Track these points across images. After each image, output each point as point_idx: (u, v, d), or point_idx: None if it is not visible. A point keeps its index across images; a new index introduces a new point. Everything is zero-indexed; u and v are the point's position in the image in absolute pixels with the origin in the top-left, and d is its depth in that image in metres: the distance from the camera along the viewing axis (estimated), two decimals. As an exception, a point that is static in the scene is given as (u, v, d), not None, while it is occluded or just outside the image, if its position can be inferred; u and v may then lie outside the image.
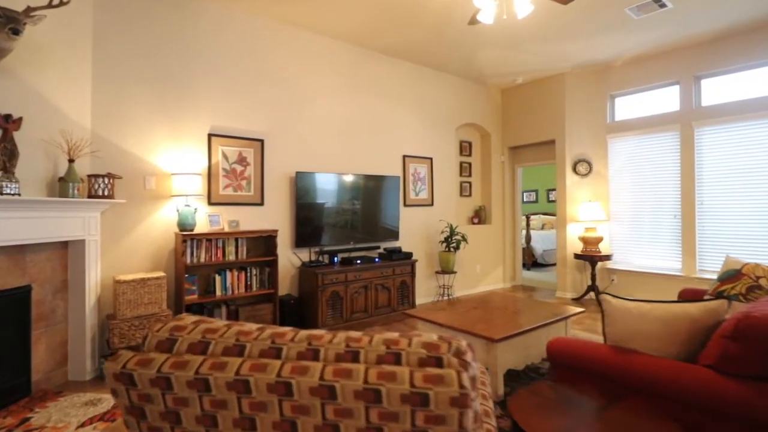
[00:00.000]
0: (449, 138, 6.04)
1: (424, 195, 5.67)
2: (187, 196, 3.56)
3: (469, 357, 0.89)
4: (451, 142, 6.08)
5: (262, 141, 4.16)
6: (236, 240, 3.84)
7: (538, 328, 2.90)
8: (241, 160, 4.03)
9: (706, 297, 2.93)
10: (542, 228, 10.26)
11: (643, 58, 5.39)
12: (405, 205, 5.44)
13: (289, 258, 4.38)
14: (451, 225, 5.64)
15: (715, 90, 4.94)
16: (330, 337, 0.95)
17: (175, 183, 3.54)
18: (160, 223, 3.62)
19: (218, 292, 3.75)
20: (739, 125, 4.71)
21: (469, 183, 6.60)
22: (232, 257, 3.82)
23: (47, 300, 2.95)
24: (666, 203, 5.31)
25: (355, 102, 4.95)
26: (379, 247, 5.08)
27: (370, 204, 4.87)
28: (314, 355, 0.90)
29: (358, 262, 4.50)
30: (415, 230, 5.56)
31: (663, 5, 3.96)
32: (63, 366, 3.07)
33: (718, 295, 2.81)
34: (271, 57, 4.27)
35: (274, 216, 4.28)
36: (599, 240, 5.61)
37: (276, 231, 3.99)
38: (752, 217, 4.63)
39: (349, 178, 4.66)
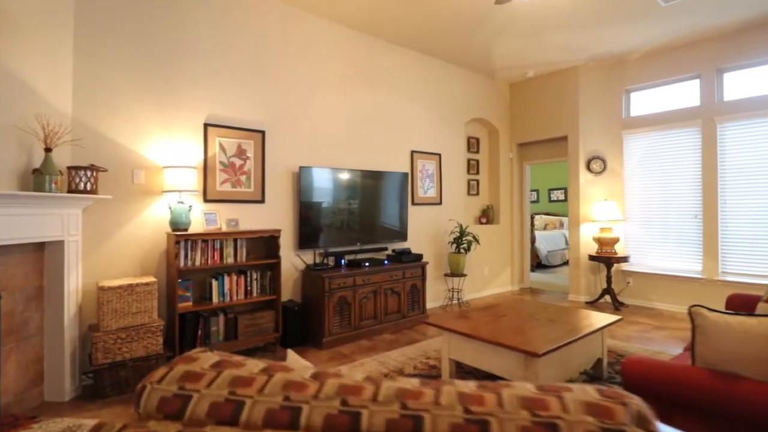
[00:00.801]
0: (457, 133, 5.74)
1: (432, 193, 5.35)
2: (180, 191, 3.18)
3: (656, 427, 0.57)
4: (460, 138, 5.78)
5: (263, 132, 3.79)
6: (235, 241, 3.48)
7: (579, 338, 2.60)
8: (241, 153, 3.67)
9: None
10: (544, 228, 10.03)
11: (662, 50, 5.14)
12: (413, 203, 5.11)
13: (291, 260, 4.02)
14: (461, 225, 5.33)
15: (739, 84, 4.71)
16: (432, 393, 0.62)
17: (168, 177, 3.17)
18: (150, 222, 3.24)
19: (215, 299, 3.38)
20: (761, 121, 4.48)
21: (477, 181, 6.31)
22: (230, 260, 3.46)
23: (19, 310, 2.55)
24: (685, 202, 5.07)
25: (361, 93, 4.62)
26: (386, 249, 4.75)
27: (377, 202, 4.53)
28: (415, 425, 0.56)
29: (367, 264, 4.16)
30: (422, 230, 5.24)
31: (696, -10, 3.70)
32: (38, 385, 2.68)
33: (778, 302, 2.54)
34: (274, 41, 3.91)
35: (276, 214, 3.92)
36: (615, 241, 5.35)
37: (279, 231, 3.63)
38: (780, 217, 4.41)
39: (355, 175, 4.32)
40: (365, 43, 4.64)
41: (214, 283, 3.38)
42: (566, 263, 9.42)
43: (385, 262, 4.37)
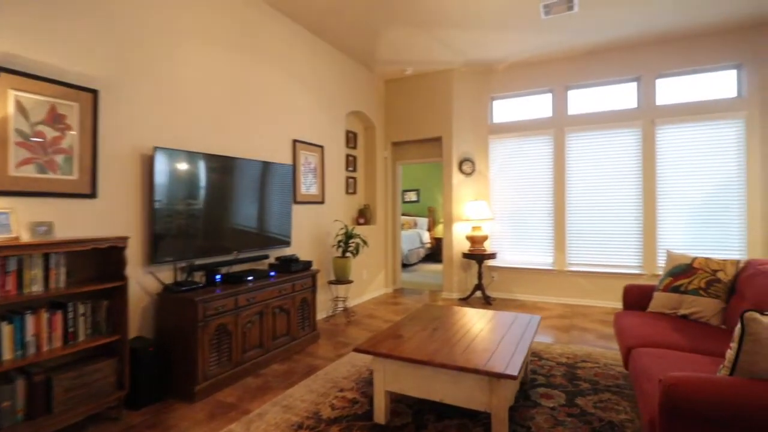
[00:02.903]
0: (338, 126, 5.19)
1: (314, 190, 4.67)
2: (-69, 175, 1.79)
3: None
4: (340, 131, 5.24)
5: (95, 93, 2.54)
6: (46, 257, 2.20)
7: (529, 347, 2.39)
8: (56, 120, 2.36)
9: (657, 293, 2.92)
10: (401, 228, 10.28)
11: (524, 64, 5.63)
12: (295, 201, 4.35)
13: (139, 281, 2.83)
14: (347, 226, 4.81)
15: (581, 100, 5.47)
16: None
17: None
18: None
19: (7, 355, 2.06)
20: (599, 133, 5.30)
21: (354, 179, 5.88)
22: (37, 288, 2.17)
23: None
24: (540, 202, 5.66)
25: (240, 62, 3.64)
26: (268, 257, 3.88)
27: (258, 200, 3.65)
28: None
29: (250, 279, 3.25)
30: (306, 233, 4.52)
31: (571, 7, 4.04)
32: None
33: (674, 290, 2.81)
34: (109, -37, 2.67)
35: (116, 215, 2.69)
36: (485, 238, 5.63)
37: (125, 239, 2.47)
38: (610, 214, 5.26)
39: (231, 164, 3.36)
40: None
41: (7, 328, 2.06)
42: (422, 261, 9.85)
43: (271, 273, 3.52)
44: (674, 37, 4.79)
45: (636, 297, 3.02)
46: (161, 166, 2.80)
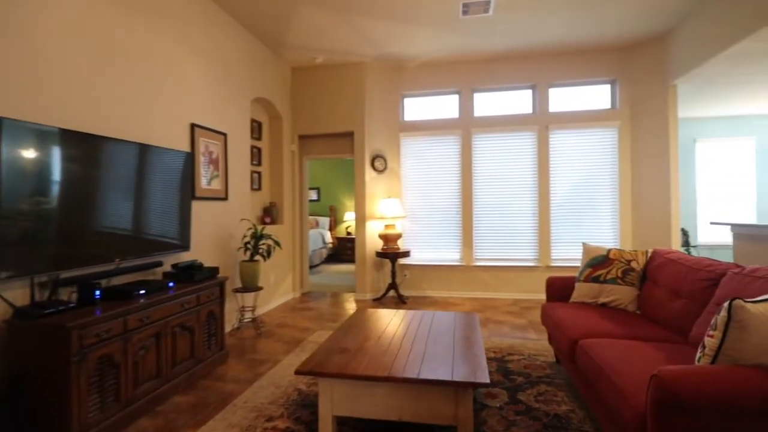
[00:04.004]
0: (242, 113, 4.58)
1: (217, 184, 4.02)
2: None
3: None
4: (244, 119, 4.63)
5: None
6: None
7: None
8: None
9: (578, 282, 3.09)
10: (301, 228, 9.75)
11: (434, 64, 5.69)
12: (195, 197, 3.67)
13: (-27, 305, 2.01)
14: (256, 226, 4.25)
15: (485, 103, 5.74)
16: None
17: None
18: None
19: None
20: (501, 135, 5.62)
21: (259, 173, 5.29)
22: None
23: None
24: (450, 200, 5.80)
25: (124, 23, 2.88)
26: (161, 264, 3.17)
27: (146, 193, 2.94)
28: None
29: (141, 293, 2.59)
30: (207, 234, 3.86)
31: (487, 10, 4.14)
32: None
33: (594, 280, 2.99)
34: None
35: (-69, 214, 1.85)
36: (399, 236, 5.55)
37: (-51, 248, 1.69)
38: (511, 211, 5.62)
39: (110, 147, 2.63)
40: (120, -58, 2.92)
41: None
42: (324, 262, 9.48)
43: (170, 284, 2.87)
44: (563, 50, 5.30)
45: (558, 288, 3.17)
46: (11, 144, 2.02)
